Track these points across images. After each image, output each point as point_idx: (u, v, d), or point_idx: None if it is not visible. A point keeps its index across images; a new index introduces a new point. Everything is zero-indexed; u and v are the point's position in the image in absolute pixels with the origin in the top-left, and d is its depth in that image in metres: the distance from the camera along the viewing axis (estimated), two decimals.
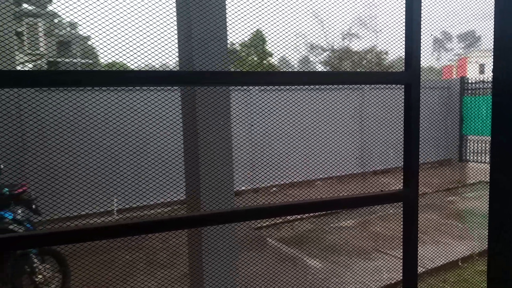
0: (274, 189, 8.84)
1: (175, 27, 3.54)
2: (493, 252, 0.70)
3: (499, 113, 0.66)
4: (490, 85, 11.11)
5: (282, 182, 8.90)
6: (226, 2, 3.47)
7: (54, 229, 0.60)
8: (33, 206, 4.17)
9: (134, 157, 7.05)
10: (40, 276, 3.92)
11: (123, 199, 6.95)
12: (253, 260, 5.08)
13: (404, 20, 0.74)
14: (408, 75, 0.67)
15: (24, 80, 0.62)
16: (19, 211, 4.05)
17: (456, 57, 19.60)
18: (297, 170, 9.05)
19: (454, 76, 16.10)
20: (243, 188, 8.35)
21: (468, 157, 11.16)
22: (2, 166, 4.05)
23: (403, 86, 0.76)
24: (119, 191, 6.89)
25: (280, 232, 6.31)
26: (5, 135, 5.92)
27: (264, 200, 7.99)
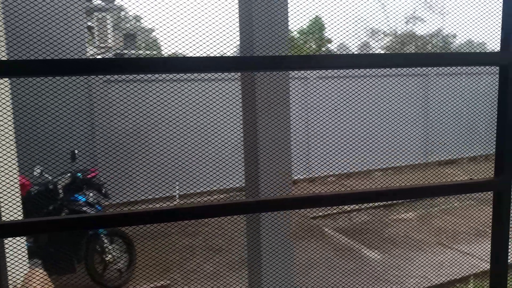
0: (331, 178, 8.72)
1: (236, 16, 3.56)
2: None
3: None
4: None
5: (339, 172, 8.75)
6: None
7: (124, 211, 0.63)
8: (103, 190, 4.45)
9: (195, 145, 7.28)
10: (109, 256, 4.20)
11: (184, 185, 7.22)
12: (310, 249, 5.08)
13: None
14: (505, 56, 0.63)
15: (96, 67, 0.64)
16: (91, 195, 4.34)
17: None
18: (355, 160, 8.85)
19: None
20: (300, 177, 8.33)
21: None
22: (76, 152, 4.35)
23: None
24: (181, 177, 7.16)
25: (337, 223, 6.24)
26: (78, 124, 6.35)
27: (320, 189, 7.92)
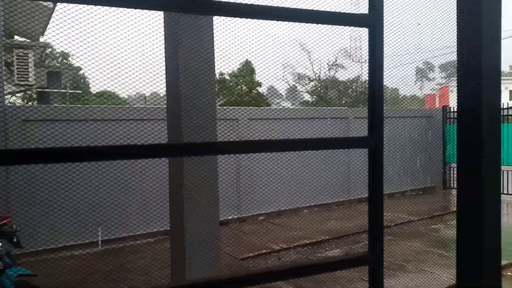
0: (261, 218, 8.83)
1: (162, 55, 3.65)
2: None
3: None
4: None
5: (268, 211, 8.89)
6: (215, 33, 3.60)
7: None
8: (14, 239, 4.08)
9: (119, 189, 7.01)
10: None
11: (107, 230, 6.86)
12: None
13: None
14: (371, 141, 0.73)
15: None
16: (0, 244, 3.98)
17: (438, 86, 20.15)
18: (283, 199, 9.08)
19: (437, 105, 16.54)
20: (230, 217, 8.31)
21: (452, 185, 11.31)
22: None
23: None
24: (104, 222, 6.81)
25: (266, 263, 6.27)
26: None
27: (250, 228, 7.95)
